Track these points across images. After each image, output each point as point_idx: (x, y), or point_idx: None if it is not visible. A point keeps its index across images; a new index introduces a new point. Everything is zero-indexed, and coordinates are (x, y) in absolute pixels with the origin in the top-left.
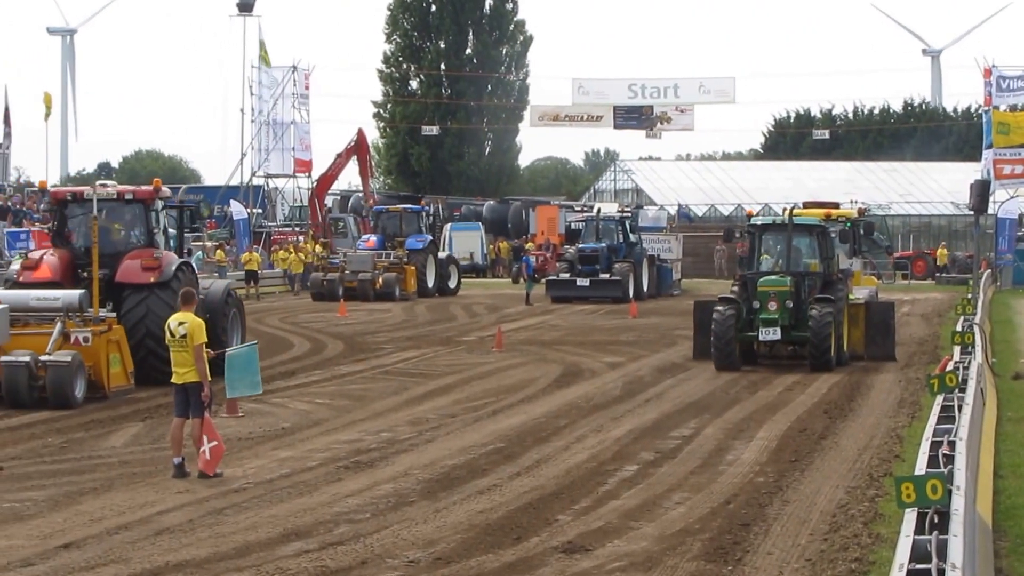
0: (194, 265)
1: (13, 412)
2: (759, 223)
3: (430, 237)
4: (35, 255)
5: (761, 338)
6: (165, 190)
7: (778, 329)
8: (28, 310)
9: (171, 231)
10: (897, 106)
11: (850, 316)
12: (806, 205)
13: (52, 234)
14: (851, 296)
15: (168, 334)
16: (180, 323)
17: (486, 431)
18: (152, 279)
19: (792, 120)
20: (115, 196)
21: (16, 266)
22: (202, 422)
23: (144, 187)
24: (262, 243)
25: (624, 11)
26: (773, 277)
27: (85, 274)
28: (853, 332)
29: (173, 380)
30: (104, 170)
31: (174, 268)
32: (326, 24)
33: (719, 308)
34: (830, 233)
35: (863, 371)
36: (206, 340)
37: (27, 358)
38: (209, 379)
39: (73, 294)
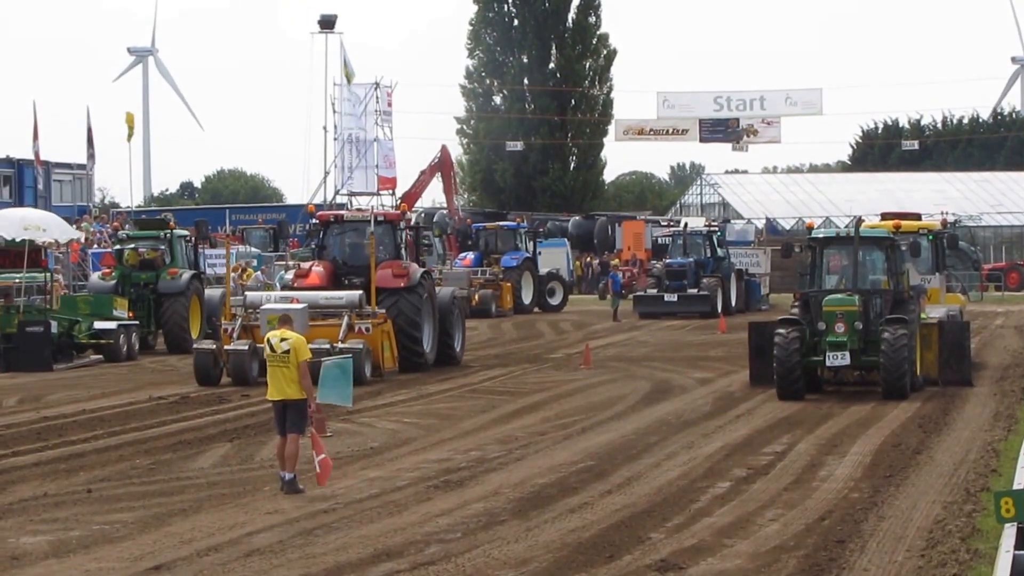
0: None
1: (102, 434)
2: (821, 236)
3: (526, 254)
4: (305, 266)
5: (828, 364)
6: (408, 214)
7: (847, 353)
8: (318, 307)
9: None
10: (986, 115)
11: (922, 337)
12: (884, 216)
13: (316, 248)
14: (923, 315)
15: (268, 349)
16: (283, 339)
17: (576, 449)
18: (402, 284)
19: (880, 131)
20: (368, 218)
21: (289, 276)
22: (299, 437)
23: (392, 210)
24: None
25: (709, 23)
26: (839, 296)
27: (346, 281)
28: (926, 355)
29: (271, 396)
30: (187, 190)
31: (419, 275)
32: (408, 40)
33: (781, 331)
34: (900, 246)
35: (955, 386)
36: (310, 356)
37: (326, 345)
38: (314, 394)
39: (354, 294)
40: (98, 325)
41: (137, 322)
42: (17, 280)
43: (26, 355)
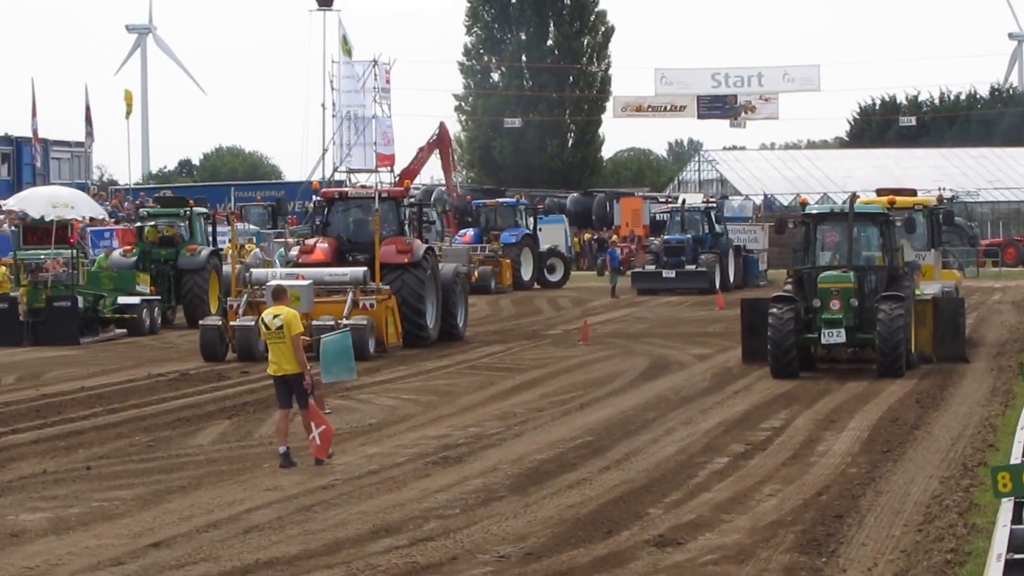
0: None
1: (101, 412)
2: (815, 212)
3: (526, 230)
4: (310, 242)
5: (824, 341)
6: (412, 191)
7: (842, 331)
8: (323, 283)
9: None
10: (984, 91)
11: (916, 314)
12: (879, 192)
13: (321, 225)
14: (918, 292)
15: (263, 328)
16: (275, 316)
17: (574, 425)
18: (406, 260)
19: (877, 107)
20: (373, 195)
21: (294, 252)
22: (308, 410)
23: (396, 187)
24: None
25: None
26: (834, 273)
27: (350, 257)
28: (920, 332)
29: (271, 372)
30: (185, 167)
31: (422, 251)
32: (406, 17)
33: (775, 308)
34: (895, 223)
35: (950, 362)
36: (302, 330)
37: (331, 321)
38: (308, 367)
39: (358, 271)
40: (122, 300)
41: (159, 297)
42: (43, 256)
43: (54, 330)
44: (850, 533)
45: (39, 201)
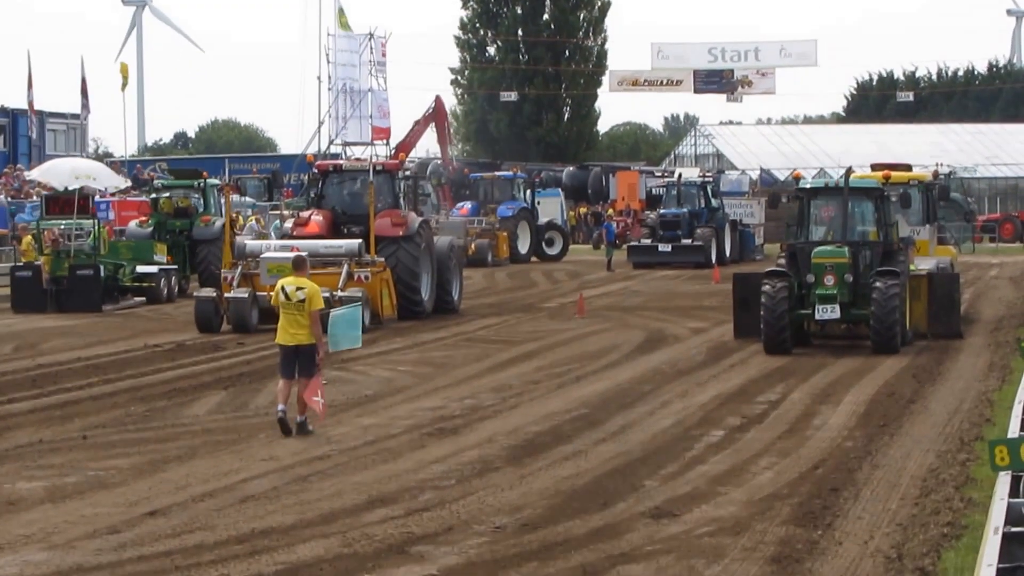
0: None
1: (97, 382)
2: (808, 187)
3: (523, 204)
4: (305, 215)
5: (817, 317)
6: (408, 164)
7: (837, 307)
8: (318, 255)
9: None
10: (982, 67)
11: (911, 289)
12: (874, 167)
13: (316, 198)
14: (912, 267)
15: (282, 297)
16: (298, 288)
17: (570, 397)
18: (401, 233)
19: (875, 83)
20: (368, 168)
21: (288, 224)
22: (310, 382)
23: (391, 160)
24: None
25: None
26: (828, 248)
27: (345, 230)
28: (915, 307)
29: (282, 341)
30: (180, 140)
31: (417, 224)
32: None
33: (768, 283)
34: (889, 198)
35: (945, 339)
36: (323, 306)
37: (326, 293)
38: (324, 341)
39: (353, 243)
40: (140, 269)
41: (176, 266)
42: (62, 227)
43: (77, 297)
44: (846, 506)
45: (61, 173)
